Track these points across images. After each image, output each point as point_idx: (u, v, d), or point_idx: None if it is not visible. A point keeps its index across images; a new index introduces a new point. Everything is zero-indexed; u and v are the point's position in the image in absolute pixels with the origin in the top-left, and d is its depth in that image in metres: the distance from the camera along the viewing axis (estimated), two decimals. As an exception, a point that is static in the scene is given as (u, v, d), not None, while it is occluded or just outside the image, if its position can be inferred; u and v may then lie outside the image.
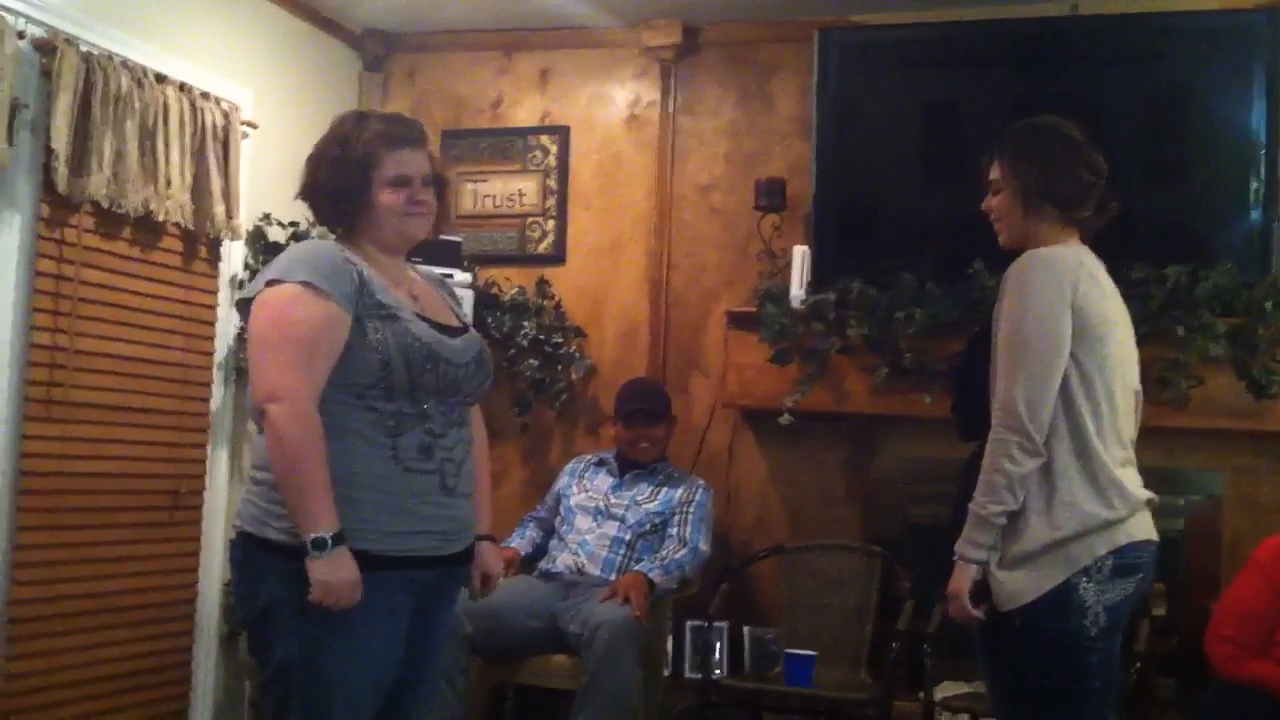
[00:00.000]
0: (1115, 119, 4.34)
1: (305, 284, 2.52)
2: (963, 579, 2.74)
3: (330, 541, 2.45)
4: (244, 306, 2.65)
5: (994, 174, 2.91)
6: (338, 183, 2.65)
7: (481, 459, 2.85)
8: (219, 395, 4.57)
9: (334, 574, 2.45)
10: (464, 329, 2.77)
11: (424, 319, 2.65)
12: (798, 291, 4.63)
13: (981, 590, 2.72)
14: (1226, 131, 4.36)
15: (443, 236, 3.37)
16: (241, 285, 4.56)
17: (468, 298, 4.63)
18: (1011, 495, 2.68)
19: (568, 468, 4.77)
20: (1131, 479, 2.80)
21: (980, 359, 2.84)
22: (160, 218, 4.21)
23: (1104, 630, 2.71)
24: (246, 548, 2.60)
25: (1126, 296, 2.86)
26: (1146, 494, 2.81)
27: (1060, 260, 2.77)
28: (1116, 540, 2.71)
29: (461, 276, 4.78)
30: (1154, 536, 2.81)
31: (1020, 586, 2.69)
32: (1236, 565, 3.90)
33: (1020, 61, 4.62)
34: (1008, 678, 2.80)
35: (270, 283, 2.56)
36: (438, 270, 3.92)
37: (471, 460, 2.72)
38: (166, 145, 4.20)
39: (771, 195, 4.88)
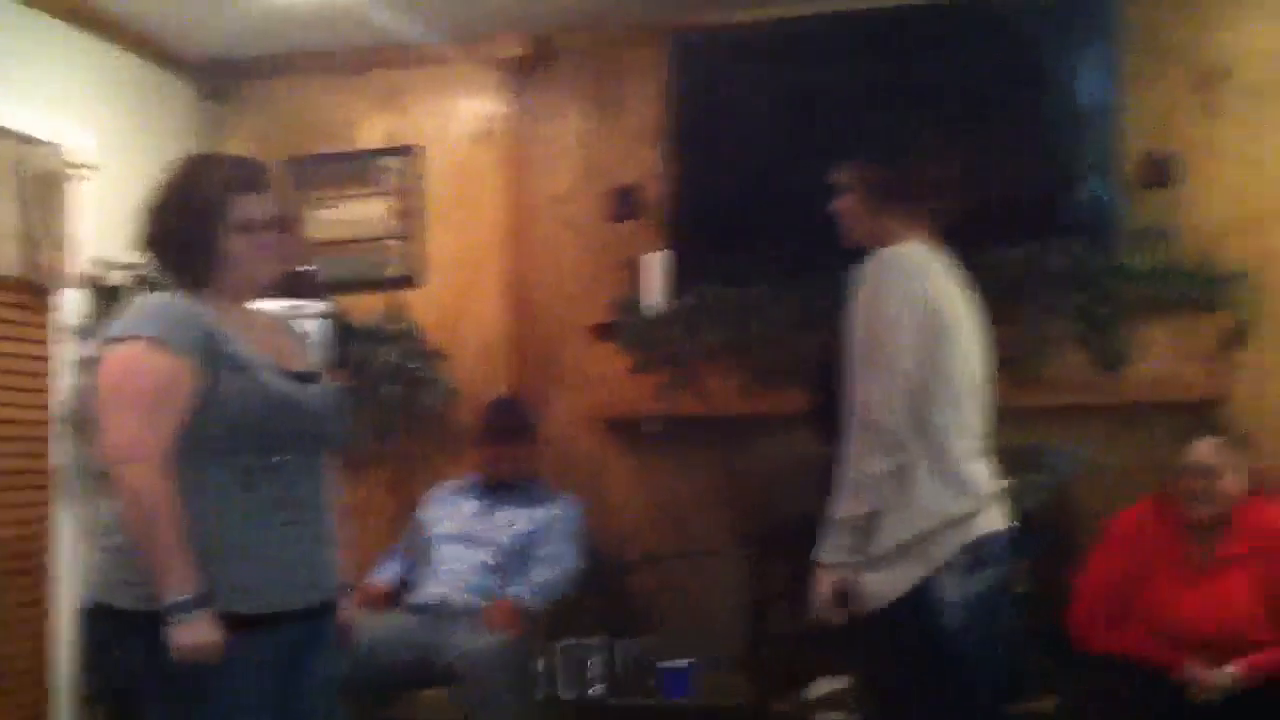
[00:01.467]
0: (960, 102, 4.34)
1: (151, 339, 2.46)
2: (824, 583, 2.76)
3: (191, 603, 2.37)
4: (92, 364, 2.58)
5: (842, 176, 2.94)
6: (183, 231, 2.58)
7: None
8: (58, 450, 4.42)
9: (196, 637, 2.38)
10: (317, 375, 2.71)
11: (275, 368, 2.58)
12: (652, 299, 4.60)
13: (847, 592, 2.75)
14: (1068, 107, 4.37)
15: (297, 268, 3.29)
16: (81, 335, 4.43)
17: (326, 327, 4.54)
18: (871, 496, 2.70)
19: (430, 496, 4.68)
20: (982, 471, 2.83)
21: (835, 362, 2.84)
22: (-12, 270, 4.10)
23: (966, 624, 2.73)
24: (99, 619, 2.52)
25: (976, 277, 2.89)
26: (997, 484, 2.85)
27: (909, 259, 2.79)
28: (970, 534, 2.74)
29: (318, 307, 4.69)
30: (1004, 525, 2.84)
31: (880, 587, 2.72)
32: (1093, 538, 3.91)
33: (866, 52, 4.60)
34: (892, 674, 2.86)
35: (115, 339, 2.50)
36: (295, 301, 3.87)
37: (332, 509, 2.67)
38: (-10, 195, 4.10)
39: (626, 203, 4.84)
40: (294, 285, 4.29)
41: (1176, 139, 4.39)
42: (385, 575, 4.50)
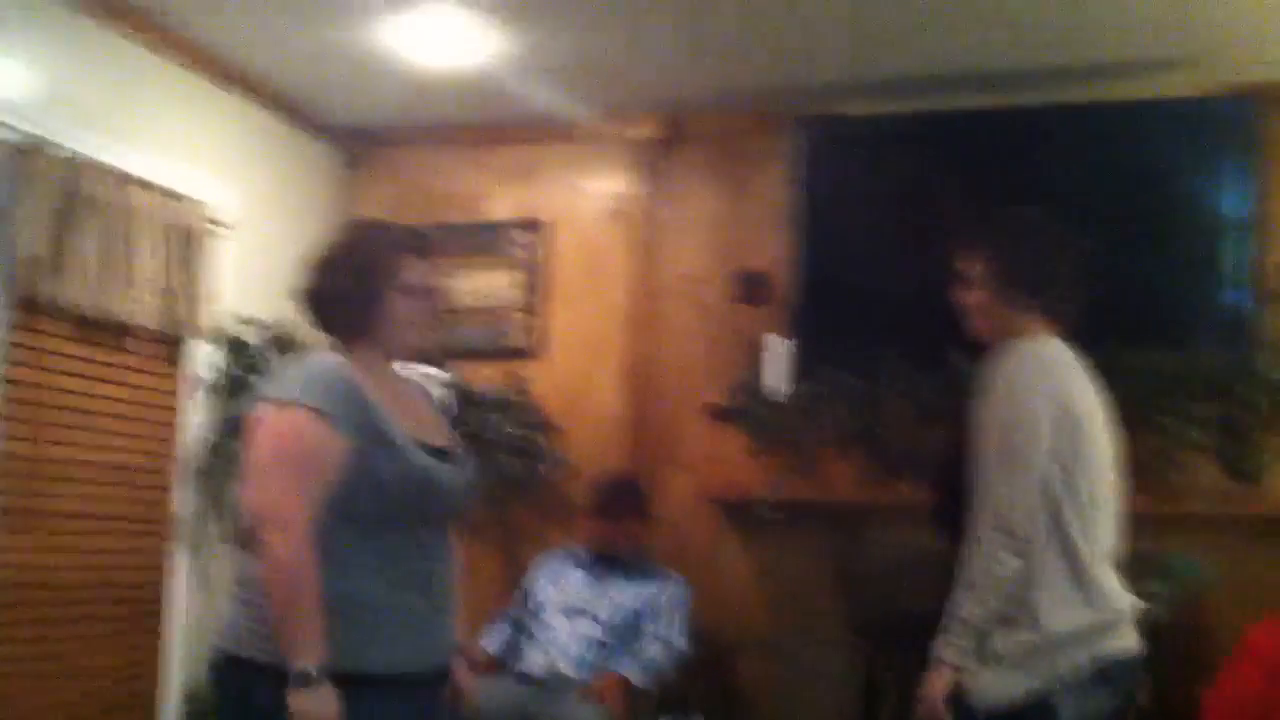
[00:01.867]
0: (1089, 206, 4.29)
1: (314, 409, 2.49)
2: (938, 682, 2.65)
3: (317, 674, 2.40)
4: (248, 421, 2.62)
5: (968, 266, 2.86)
6: (351, 287, 2.63)
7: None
8: (180, 498, 4.50)
9: (318, 708, 2.41)
10: (453, 450, 2.75)
11: (420, 444, 2.62)
12: (775, 383, 4.57)
13: (957, 695, 2.64)
14: (1202, 216, 4.32)
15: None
16: (212, 388, 4.56)
17: (449, 395, 4.59)
18: (996, 598, 2.61)
19: (539, 562, 4.67)
20: (1114, 582, 2.73)
21: (960, 458, 2.75)
22: (128, 320, 4.19)
23: None
24: (230, 669, 2.55)
25: (1110, 384, 2.80)
26: (1130, 599, 2.73)
27: (1045, 354, 2.73)
28: (1100, 649, 2.64)
29: (444, 374, 4.73)
30: (1136, 645, 2.73)
31: (999, 686, 2.61)
32: (1223, 652, 3.79)
33: (995, 149, 4.59)
34: None
35: (278, 401, 2.53)
36: (422, 367, 3.91)
37: (456, 579, 2.72)
38: (137, 247, 4.19)
39: (752, 286, 4.85)
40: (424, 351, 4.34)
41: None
42: (494, 641, 4.49)
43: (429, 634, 2.61)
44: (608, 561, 4.53)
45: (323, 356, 2.65)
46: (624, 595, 4.44)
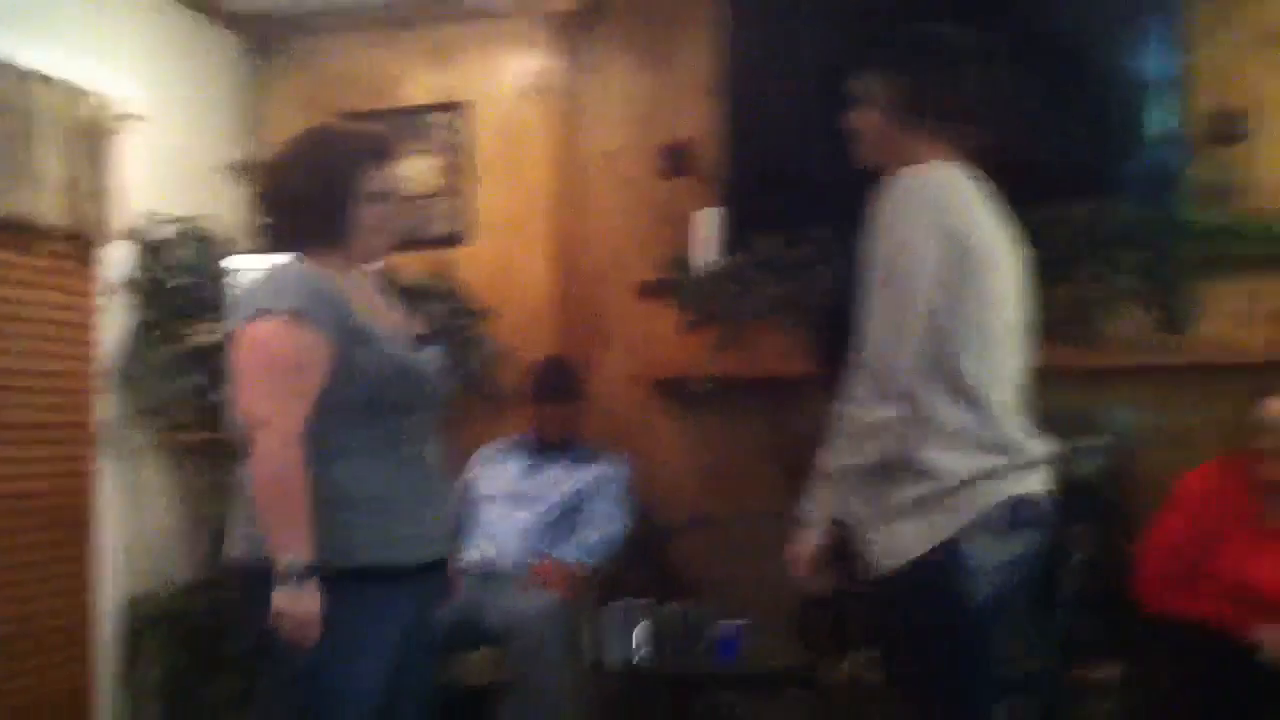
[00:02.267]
0: (1019, 60, 4.22)
1: (291, 313, 2.57)
2: (804, 541, 2.51)
3: (302, 571, 2.49)
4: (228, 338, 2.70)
5: (860, 86, 2.62)
6: (314, 198, 2.68)
7: None
8: (104, 405, 4.40)
9: (297, 605, 2.49)
10: (425, 338, 2.86)
11: (396, 337, 2.73)
12: (705, 256, 4.51)
13: (838, 554, 2.49)
14: (1130, 68, 4.25)
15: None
16: (127, 286, 4.46)
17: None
18: (871, 448, 2.41)
19: (476, 457, 4.62)
20: (1019, 427, 2.52)
21: (850, 300, 2.49)
22: (37, 220, 4.05)
23: (996, 594, 2.43)
24: (245, 575, 2.63)
25: (1034, 237, 2.68)
26: (1039, 444, 2.54)
27: (933, 182, 2.46)
28: (1005, 492, 2.43)
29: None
30: (1045, 489, 2.53)
31: (901, 541, 2.41)
32: (1157, 503, 3.81)
33: (921, 10, 4.48)
34: (898, 651, 2.56)
35: (255, 314, 2.61)
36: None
37: (443, 471, 2.83)
38: (41, 145, 4.03)
39: (678, 159, 4.76)
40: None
41: (1243, 95, 4.25)
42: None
43: (419, 525, 2.70)
44: (545, 447, 4.50)
45: (290, 264, 2.69)
46: (563, 480, 4.42)
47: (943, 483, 2.41)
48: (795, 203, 4.63)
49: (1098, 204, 4.07)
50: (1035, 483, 2.51)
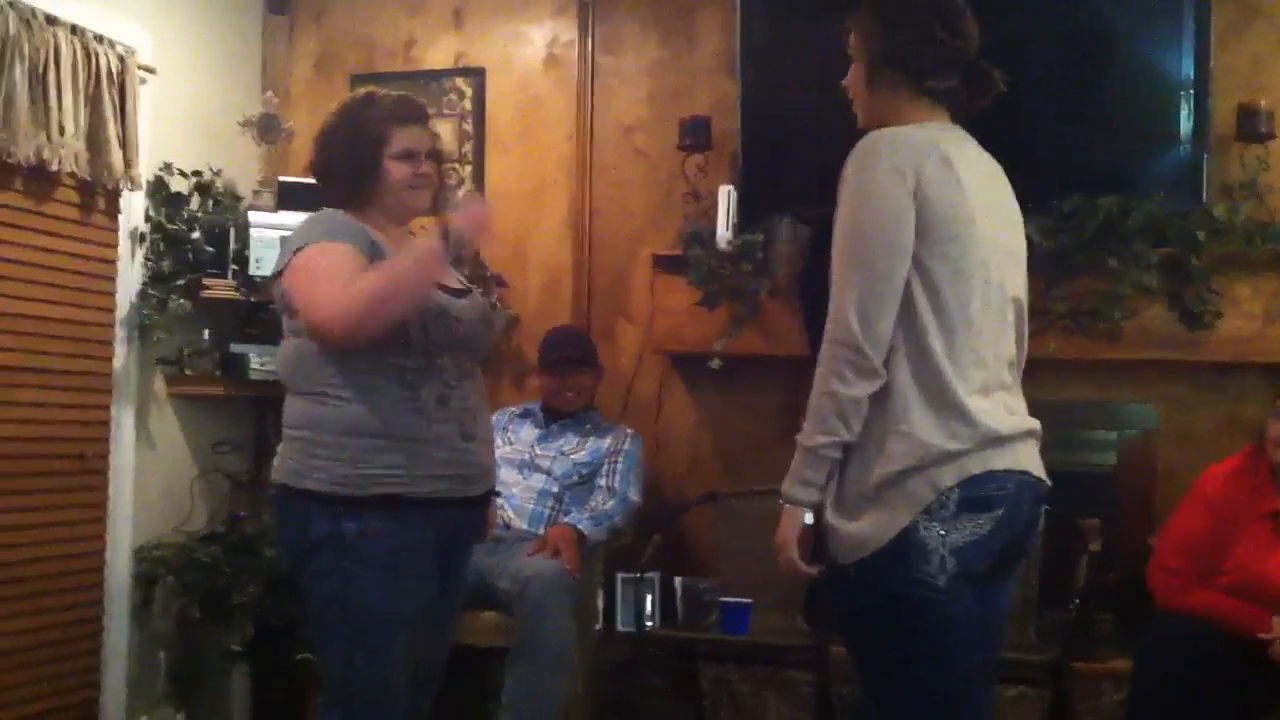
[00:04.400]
0: (1045, 58, 4.24)
1: (329, 235, 2.72)
2: (790, 526, 2.33)
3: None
4: (272, 279, 2.86)
5: (847, 42, 2.50)
6: (350, 159, 2.83)
7: None
8: (121, 354, 4.36)
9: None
10: (467, 290, 2.96)
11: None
12: (724, 233, 4.51)
13: (819, 539, 2.32)
14: (1156, 67, 4.27)
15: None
16: (143, 238, 4.43)
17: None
18: (843, 423, 2.24)
19: (491, 421, 4.60)
20: (990, 406, 2.32)
21: (825, 265, 2.34)
22: (54, 167, 4.00)
23: (955, 579, 2.26)
24: (285, 499, 2.78)
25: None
26: (1014, 421, 2.36)
27: (907, 141, 2.30)
28: (966, 470, 2.26)
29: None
30: (1021, 467, 2.34)
31: (862, 534, 2.26)
32: (1172, 497, 3.85)
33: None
34: (859, 642, 2.41)
35: (292, 254, 2.73)
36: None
37: (485, 409, 2.93)
38: (59, 91, 3.98)
39: (696, 134, 4.74)
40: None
41: (1269, 93, 4.29)
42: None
43: (456, 462, 2.79)
44: (559, 416, 4.50)
45: (326, 210, 2.83)
46: (576, 449, 4.42)
47: (897, 465, 2.26)
48: (812, 181, 4.62)
49: (1122, 199, 4.08)
50: (1001, 460, 2.32)
